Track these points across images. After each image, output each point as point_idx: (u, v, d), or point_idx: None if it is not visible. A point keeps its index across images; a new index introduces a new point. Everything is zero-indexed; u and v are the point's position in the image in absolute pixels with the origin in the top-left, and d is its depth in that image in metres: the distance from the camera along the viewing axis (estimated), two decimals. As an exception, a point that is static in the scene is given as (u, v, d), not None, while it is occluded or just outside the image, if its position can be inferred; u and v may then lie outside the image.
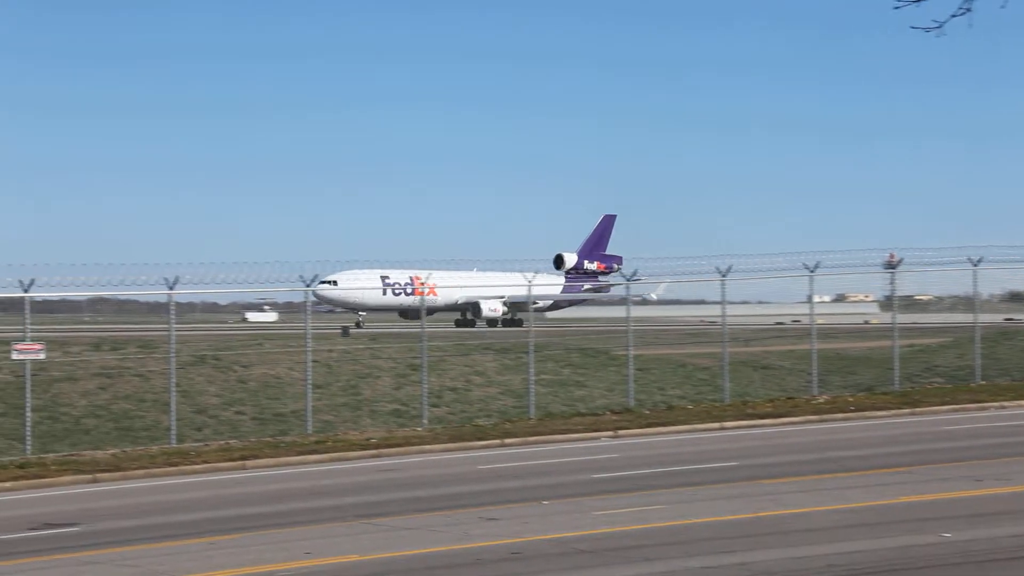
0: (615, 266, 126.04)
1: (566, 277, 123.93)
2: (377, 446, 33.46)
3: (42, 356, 34.26)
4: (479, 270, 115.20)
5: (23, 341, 33.57)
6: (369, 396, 41.86)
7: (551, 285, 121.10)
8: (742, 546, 18.78)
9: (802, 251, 43.54)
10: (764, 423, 37.23)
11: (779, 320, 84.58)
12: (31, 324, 33.77)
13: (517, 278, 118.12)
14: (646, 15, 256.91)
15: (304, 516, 23.22)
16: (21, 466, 30.26)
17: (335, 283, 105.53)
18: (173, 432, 34.51)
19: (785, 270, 44.33)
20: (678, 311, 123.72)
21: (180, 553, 19.72)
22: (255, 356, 44.93)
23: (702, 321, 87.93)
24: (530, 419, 38.75)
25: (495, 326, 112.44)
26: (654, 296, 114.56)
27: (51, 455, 32.14)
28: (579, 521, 21.40)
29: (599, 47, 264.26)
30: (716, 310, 45.65)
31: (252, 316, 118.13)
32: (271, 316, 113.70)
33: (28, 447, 32.49)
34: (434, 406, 39.57)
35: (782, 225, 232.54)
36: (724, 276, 42.12)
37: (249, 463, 31.11)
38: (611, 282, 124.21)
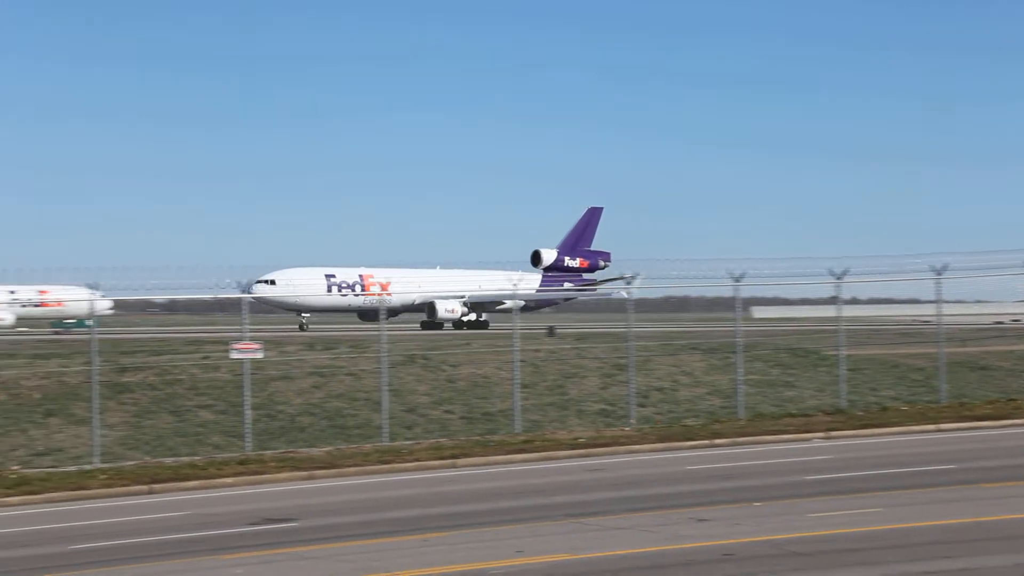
0: (601, 262, 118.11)
1: (544, 276, 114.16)
2: (585, 445, 33.48)
3: (260, 356, 35.28)
4: (443, 268, 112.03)
5: (242, 341, 34.67)
6: (576, 395, 41.88)
7: (525, 283, 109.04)
8: (965, 551, 18.18)
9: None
10: (983, 425, 36.04)
11: (998, 320, 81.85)
12: (248, 324, 35.01)
13: (481, 277, 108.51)
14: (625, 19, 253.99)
15: (514, 515, 23.33)
16: (241, 462, 31.21)
17: (273, 282, 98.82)
18: (385, 430, 35.14)
19: (1005, 268, 42.87)
20: (887, 311, 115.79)
21: (393, 549, 20.01)
22: (463, 356, 45.40)
23: (914, 320, 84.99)
24: (739, 419, 38.26)
25: (457, 328, 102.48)
26: (624, 294, 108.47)
27: (269, 452, 33.08)
28: (793, 523, 20.99)
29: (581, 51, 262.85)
30: (921, 309, 44.33)
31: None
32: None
33: (248, 444, 33.49)
34: (641, 406, 39.37)
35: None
36: (940, 274, 40.88)
37: (459, 461, 31.45)
38: (599, 280, 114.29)
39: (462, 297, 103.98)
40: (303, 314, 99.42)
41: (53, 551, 21.19)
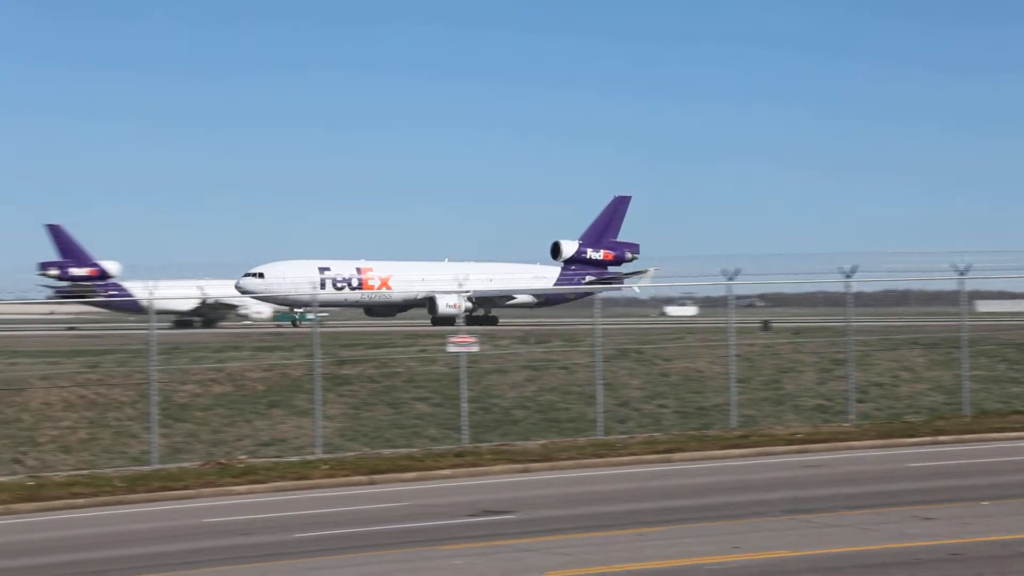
0: (628, 255, 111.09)
1: (563, 269, 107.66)
2: (802, 441, 32.88)
3: (475, 349, 35.68)
4: (452, 261, 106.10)
5: (458, 335, 35.13)
6: (792, 391, 41.15)
7: (539, 277, 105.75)
8: None
9: None
10: None
11: None
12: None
13: (492, 270, 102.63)
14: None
15: (730, 510, 23.06)
16: (458, 455, 31.62)
17: (261, 275, 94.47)
18: (600, 424, 35.16)
19: None
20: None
21: (610, 543, 19.97)
22: (676, 350, 45.09)
23: None
24: (964, 416, 37.04)
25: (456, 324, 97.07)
26: (637, 290, 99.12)
27: (484, 444, 33.43)
28: (1024, 524, 20.24)
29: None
30: None
31: (671, 310, 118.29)
32: (690, 310, 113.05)
33: (464, 437, 33.92)
34: (860, 402, 38.46)
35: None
36: None
37: (674, 456, 31.25)
38: (624, 272, 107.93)
39: (467, 292, 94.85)
40: (296, 309, 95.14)
41: (278, 539, 21.80)
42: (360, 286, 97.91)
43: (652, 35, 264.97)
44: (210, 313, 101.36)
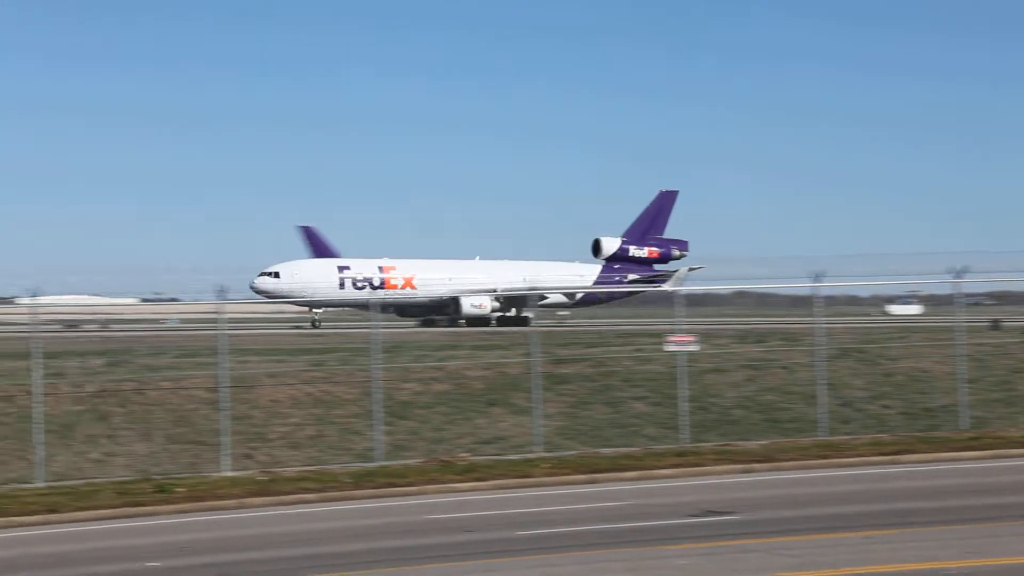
0: (675, 252, 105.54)
1: (604, 267, 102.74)
2: (1038, 443, 31.65)
3: (695, 348, 35.39)
4: (483, 259, 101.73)
5: (676, 334, 34.89)
6: (1025, 392, 39.62)
7: (575, 276, 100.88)
8: None
9: None
10: None
11: None
12: (683, 317, 35.26)
13: (525, 268, 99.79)
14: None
15: (963, 513, 22.35)
16: (679, 454, 31.37)
17: (277, 275, 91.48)
18: (823, 424, 34.46)
19: None
20: None
21: (836, 545, 19.53)
22: (901, 349, 43.88)
23: None
24: None
25: (485, 325, 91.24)
26: (669, 286, 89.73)
27: (705, 444, 33.10)
28: None
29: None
30: None
31: (894, 308, 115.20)
32: (915, 309, 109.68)
33: (684, 436, 33.64)
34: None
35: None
36: None
37: (901, 457, 30.41)
38: (670, 271, 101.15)
39: (493, 291, 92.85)
40: (315, 310, 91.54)
41: (502, 536, 21.95)
42: (382, 285, 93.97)
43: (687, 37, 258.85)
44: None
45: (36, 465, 29.85)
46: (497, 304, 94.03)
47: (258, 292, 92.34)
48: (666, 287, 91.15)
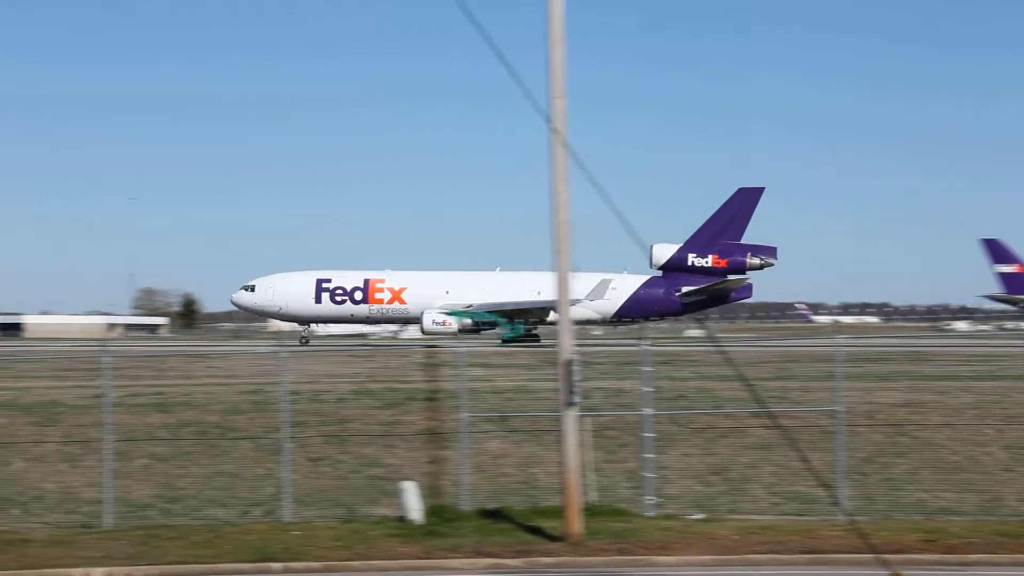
0: (753, 259, 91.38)
1: (653, 278, 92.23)
2: None
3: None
4: (503, 270, 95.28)
5: None
6: None
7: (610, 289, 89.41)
8: None
9: None
10: None
11: None
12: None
13: (543, 280, 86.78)
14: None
15: None
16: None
17: (252, 288, 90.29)
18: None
19: None
20: None
21: None
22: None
23: None
24: None
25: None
26: (585, 300, 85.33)
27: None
28: None
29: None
30: None
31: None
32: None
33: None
34: None
35: None
36: None
37: None
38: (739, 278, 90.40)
39: (486, 305, 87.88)
40: (304, 326, 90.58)
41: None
42: (365, 299, 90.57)
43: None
44: None
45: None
46: (469, 321, 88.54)
47: (236, 306, 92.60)
48: (584, 298, 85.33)
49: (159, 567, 19.24)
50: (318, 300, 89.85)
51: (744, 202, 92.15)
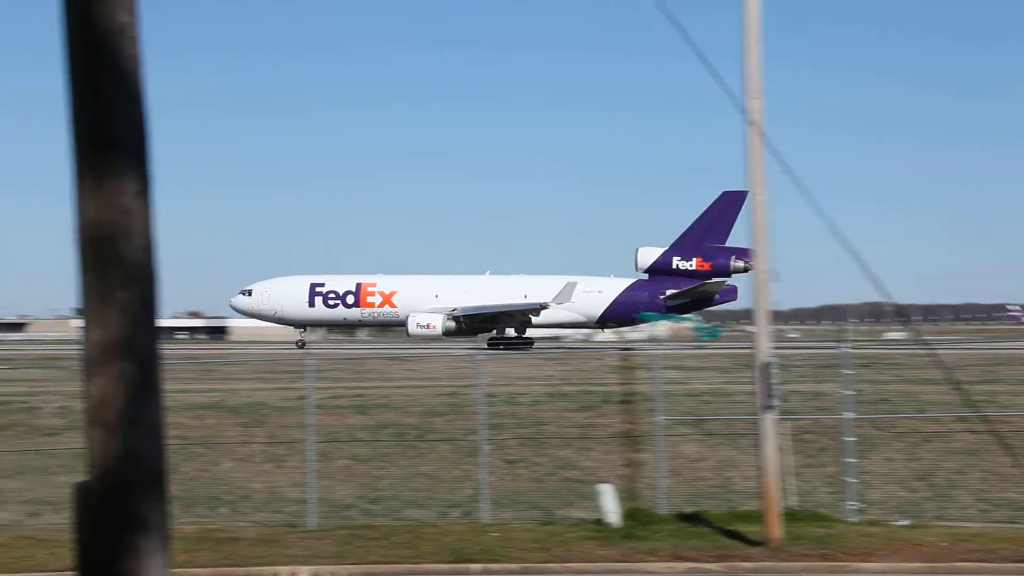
0: (736, 263, 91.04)
1: (639, 282, 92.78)
2: None
3: None
4: (492, 274, 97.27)
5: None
6: None
7: (589, 292, 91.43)
8: None
9: None
10: None
11: None
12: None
13: (529, 284, 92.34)
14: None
15: None
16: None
17: (250, 293, 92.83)
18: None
19: None
20: None
21: None
22: None
23: None
24: None
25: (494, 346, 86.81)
26: (552, 303, 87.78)
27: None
28: None
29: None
30: None
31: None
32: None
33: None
34: None
35: None
36: None
37: None
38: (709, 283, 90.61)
39: (453, 309, 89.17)
40: (301, 329, 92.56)
41: None
42: (357, 303, 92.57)
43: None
44: None
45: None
46: (452, 324, 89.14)
47: (235, 310, 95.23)
48: (551, 301, 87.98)
49: (362, 566, 19.59)
50: (311, 304, 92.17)
51: (728, 205, 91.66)
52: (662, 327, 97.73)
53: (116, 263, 5.61)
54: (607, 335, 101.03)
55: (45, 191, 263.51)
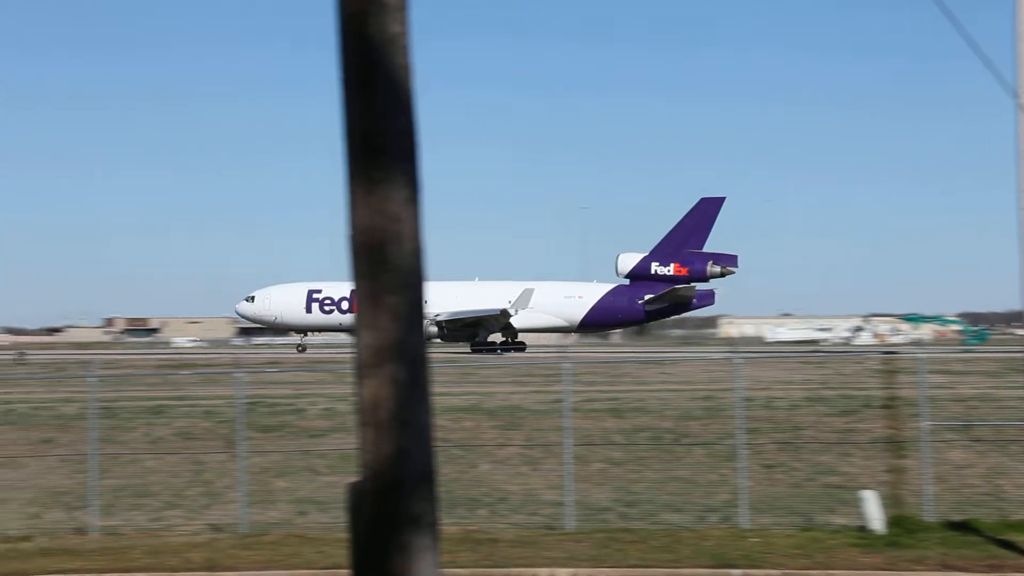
0: (714, 268, 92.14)
1: (618, 286, 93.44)
2: None
3: None
4: (481, 280, 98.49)
5: None
6: None
7: (570, 297, 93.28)
8: None
9: None
10: None
11: None
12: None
13: (514, 289, 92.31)
14: None
15: None
16: None
17: (252, 299, 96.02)
18: None
19: None
20: None
21: None
22: None
23: None
24: None
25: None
26: (511, 308, 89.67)
27: None
28: None
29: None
30: None
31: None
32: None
33: None
34: None
35: None
36: None
37: None
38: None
39: (437, 315, 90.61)
40: (302, 334, 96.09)
41: None
42: (351, 309, 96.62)
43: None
44: None
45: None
46: (434, 329, 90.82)
47: (239, 316, 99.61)
48: (510, 307, 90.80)
49: (621, 570, 19.60)
50: (308, 310, 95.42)
51: (706, 211, 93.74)
52: (925, 330, 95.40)
53: (386, 268, 5.75)
54: (865, 338, 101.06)
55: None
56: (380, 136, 5.73)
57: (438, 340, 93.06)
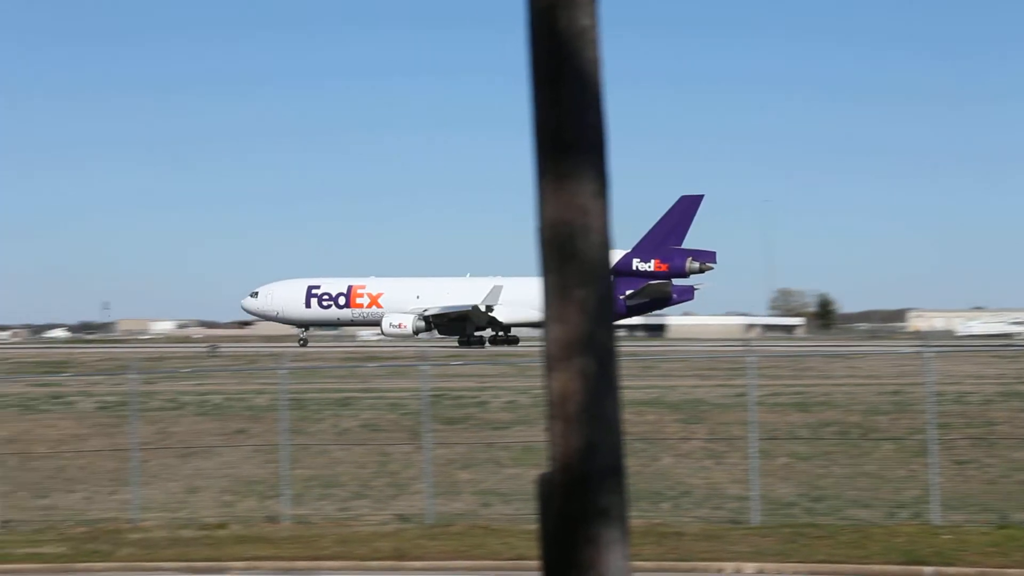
0: (693, 264, 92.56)
1: None
2: None
3: None
4: (472, 276, 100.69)
5: None
6: None
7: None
8: None
9: None
10: None
11: None
12: None
13: (502, 284, 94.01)
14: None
15: None
16: None
17: (256, 295, 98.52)
18: None
19: None
20: None
21: None
22: None
23: None
24: None
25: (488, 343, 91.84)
26: (480, 304, 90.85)
27: None
28: None
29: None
30: None
31: None
32: None
33: None
34: None
35: None
36: None
37: None
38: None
39: (425, 310, 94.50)
40: (302, 328, 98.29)
41: None
42: (348, 304, 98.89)
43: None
44: None
45: None
46: (422, 324, 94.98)
47: (244, 311, 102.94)
48: (479, 303, 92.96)
49: (808, 565, 19.34)
50: (308, 305, 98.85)
51: (686, 209, 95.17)
52: None
53: (575, 261, 5.76)
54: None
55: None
56: (569, 130, 5.74)
57: (427, 334, 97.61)
